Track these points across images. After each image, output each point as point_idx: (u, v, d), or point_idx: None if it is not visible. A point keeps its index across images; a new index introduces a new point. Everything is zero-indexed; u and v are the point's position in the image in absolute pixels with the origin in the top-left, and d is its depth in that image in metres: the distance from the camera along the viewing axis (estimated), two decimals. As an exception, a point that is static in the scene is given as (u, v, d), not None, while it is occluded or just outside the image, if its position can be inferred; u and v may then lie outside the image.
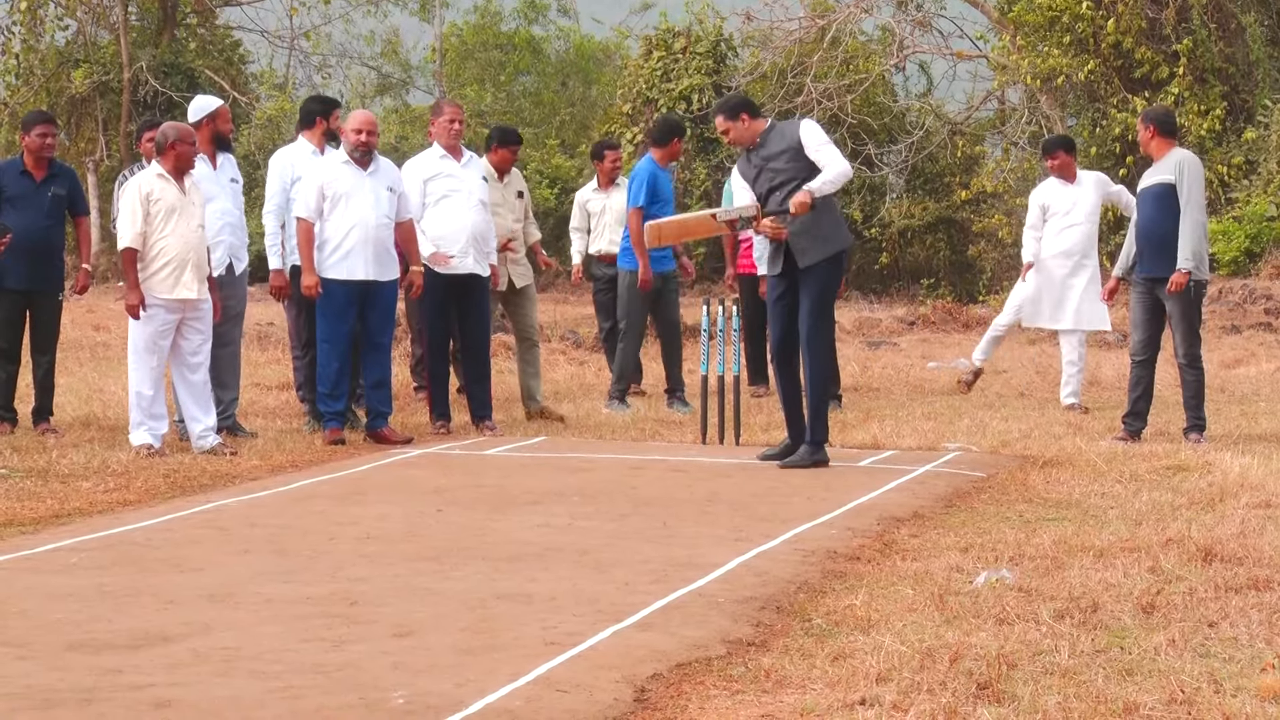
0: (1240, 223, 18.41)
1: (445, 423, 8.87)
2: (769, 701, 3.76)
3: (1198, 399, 8.52)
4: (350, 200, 8.28)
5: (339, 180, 8.30)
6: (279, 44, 28.32)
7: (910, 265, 23.59)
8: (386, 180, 8.44)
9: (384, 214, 8.36)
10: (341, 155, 8.41)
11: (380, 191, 8.36)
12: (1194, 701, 3.70)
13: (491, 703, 3.68)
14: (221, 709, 3.63)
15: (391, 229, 8.42)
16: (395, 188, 8.48)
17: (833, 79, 21.80)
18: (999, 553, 5.43)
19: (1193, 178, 8.38)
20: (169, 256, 7.73)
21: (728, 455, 8.04)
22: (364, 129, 8.34)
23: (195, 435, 7.90)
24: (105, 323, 15.12)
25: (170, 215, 7.75)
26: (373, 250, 8.31)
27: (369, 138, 8.33)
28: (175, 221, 7.75)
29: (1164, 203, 8.41)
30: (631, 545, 5.64)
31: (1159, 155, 8.57)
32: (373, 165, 8.39)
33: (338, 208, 8.28)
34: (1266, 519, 6.01)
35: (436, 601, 4.71)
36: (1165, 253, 8.39)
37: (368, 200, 8.31)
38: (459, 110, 9.14)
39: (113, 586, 4.92)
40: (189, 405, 7.91)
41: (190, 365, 7.88)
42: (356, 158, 8.32)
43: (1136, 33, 19.43)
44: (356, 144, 8.31)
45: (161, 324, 7.76)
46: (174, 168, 7.77)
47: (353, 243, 8.26)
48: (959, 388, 11.22)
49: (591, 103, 31.60)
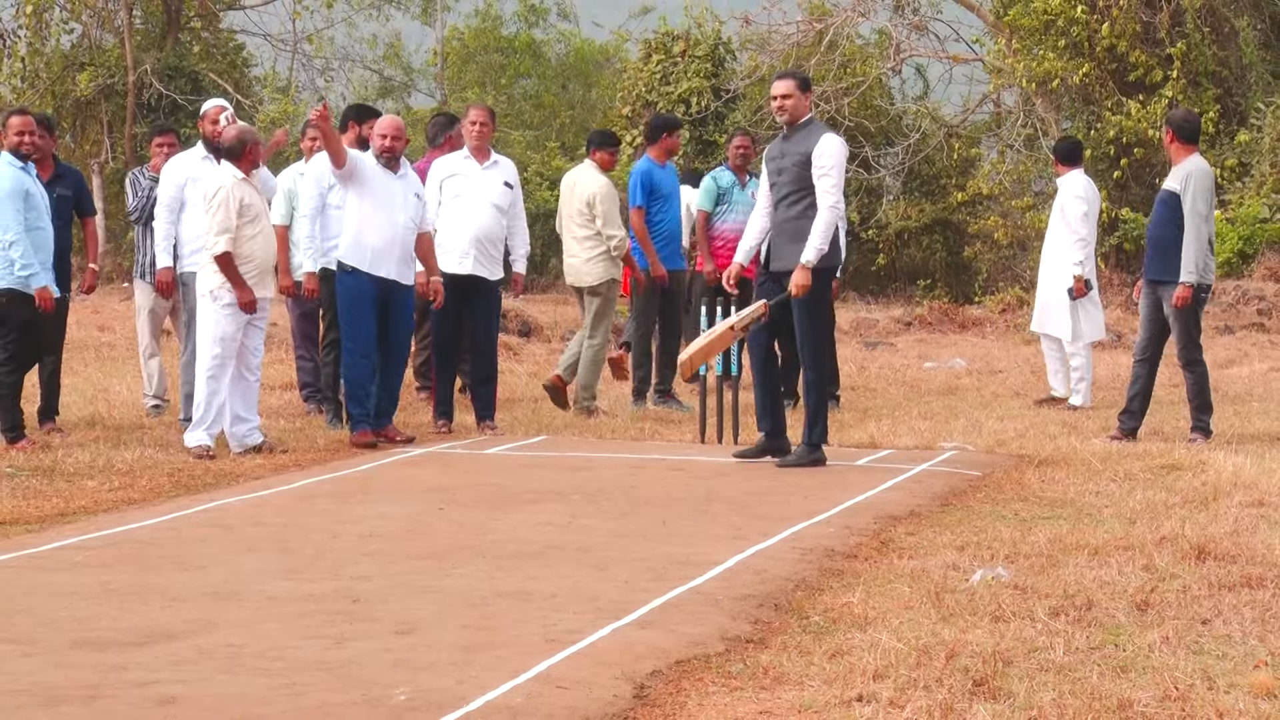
0: (1233, 224, 18.45)
1: (447, 422, 8.91)
2: (767, 698, 3.79)
3: (1198, 399, 8.56)
4: (381, 201, 8.31)
5: (374, 179, 8.32)
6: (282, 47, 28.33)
7: (907, 266, 23.62)
8: (414, 187, 8.50)
9: (411, 218, 8.40)
10: (372, 158, 8.44)
11: (409, 196, 8.41)
12: (1188, 698, 3.73)
13: (492, 699, 3.71)
14: (225, 705, 3.65)
15: (415, 234, 8.45)
16: (421, 195, 8.54)
17: (830, 82, 21.83)
18: (995, 551, 5.46)
19: (1198, 189, 8.40)
20: (255, 259, 7.84)
21: (726, 455, 8.06)
22: (389, 134, 8.36)
23: (240, 435, 7.90)
24: (110, 323, 15.13)
25: (255, 218, 7.84)
26: (399, 252, 8.34)
27: (394, 143, 8.35)
28: (259, 224, 7.86)
29: (1168, 210, 8.48)
30: (631, 543, 5.67)
31: (1176, 160, 8.62)
32: (401, 170, 8.42)
33: (368, 205, 8.30)
34: (1260, 517, 6.05)
35: (438, 599, 4.74)
36: (1166, 258, 8.45)
37: (397, 202, 8.34)
38: (483, 112, 9.16)
39: (117, 584, 4.95)
40: (237, 405, 7.92)
41: (250, 365, 7.93)
42: (383, 163, 8.35)
43: (1131, 36, 19.46)
44: (382, 149, 8.33)
45: (236, 326, 7.82)
46: (249, 171, 7.86)
47: (381, 241, 8.29)
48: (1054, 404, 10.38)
49: (591, 106, 31.62)
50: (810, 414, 7.67)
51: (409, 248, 8.43)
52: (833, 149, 7.53)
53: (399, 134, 8.42)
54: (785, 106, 7.64)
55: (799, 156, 7.54)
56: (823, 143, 7.53)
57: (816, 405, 7.66)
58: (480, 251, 8.87)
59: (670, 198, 10.03)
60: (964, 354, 14.76)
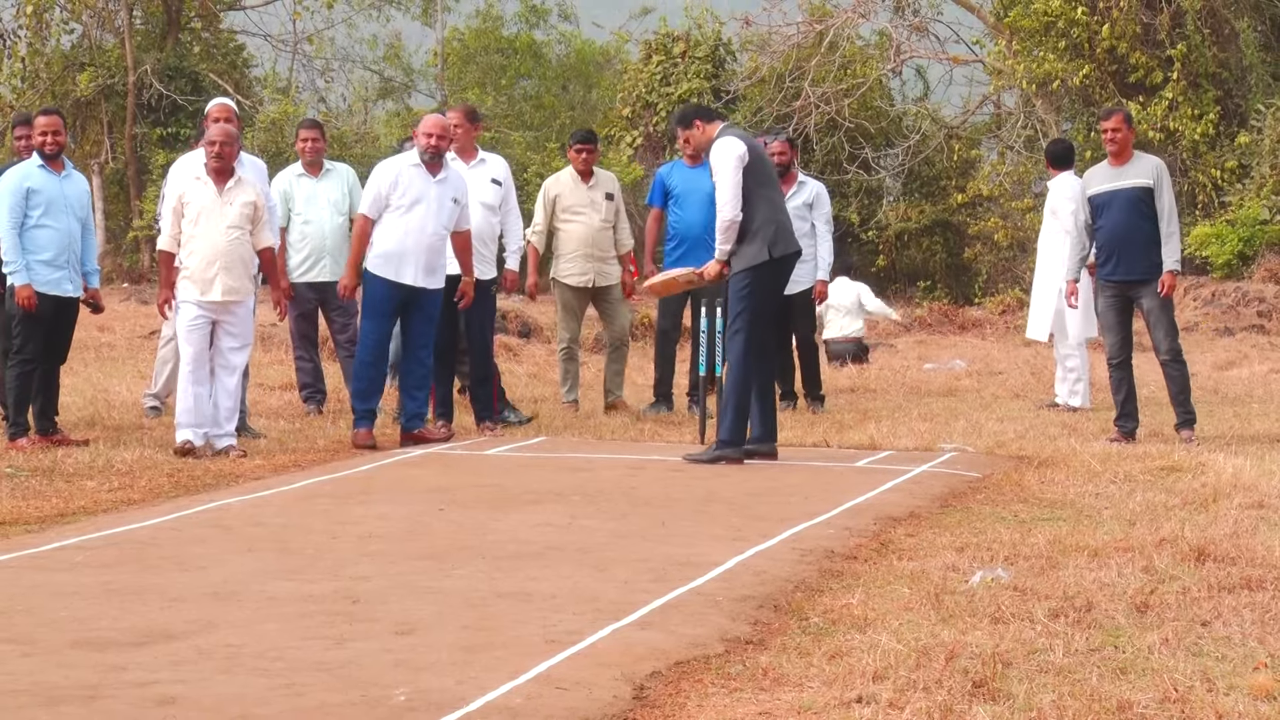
0: (1233, 226, 18.47)
1: (447, 423, 8.92)
2: (766, 699, 3.79)
3: (1184, 393, 8.62)
4: (414, 205, 8.29)
5: (410, 184, 8.31)
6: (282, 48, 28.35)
7: (907, 268, 23.62)
8: (453, 190, 8.45)
9: (443, 224, 8.38)
10: (413, 157, 8.40)
11: (445, 201, 8.38)
12: (1187, 700, 3.73)
13: (492, 700, 3.71)
14: (225, 706, 3.65)
15: (446, 239, 8.43)
16: (460, 199, 8.50)
17: (830, 83, 21.84)
18: (994, 552, 5.46)
19: (1169, 183, 8.60)
20: (199, 257, 7.84)
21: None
22: (435, 133, 8.33)
23: (210, 435, 7.93)
24: (109, 323, 15.13)
25: (196, 219, 7.84)
26: (425, 258, 8.32)
27: (439, 142, 8.32)
28: (200, 224, 7.85)
29: (1141, 207, 8.52)
30: (631, 544, 5.67)
31: (1129, 156, 8.65)
32: (443, 172, 8.39)
33: (399, 210, 8.30)
34: (1259, 519, 6.05)
35: (438, 600, 4.74)
36: (1144, 256, 8.49)
37: (431, 208, 8.32)
38: (458, 114, 9.18)
39: (117, 584, 4.95)
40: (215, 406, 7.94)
41: (227, 368, 7.93)
42: (426, 160, 8.33)
43: (1131, 38, 19.48)
44: (427, 147, 8.30)
45: (194, 317, 7.82)
46: (210, 168, 7.88)
47: (407, 248, 8.27)
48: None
49: (592, 106, 31.61)
50: (722, 409, 7.73)
51: (437, 252, 8.38)
52: (724, 151, 7.64)
53: (445, 133, 8.39)
54: (695, 145, 8.01)
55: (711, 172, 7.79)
56: (715, 149, 7.67)
57: (734, 401, 7.65)
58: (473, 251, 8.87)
59: (683, 198, 9.97)
60: (964, 355, 14.77)
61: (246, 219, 7.91)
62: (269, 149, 21.93)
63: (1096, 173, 8.84)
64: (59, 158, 8.21)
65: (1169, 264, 8.44)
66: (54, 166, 8.17)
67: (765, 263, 7.65)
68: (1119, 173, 8.64)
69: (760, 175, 7.70)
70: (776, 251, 7.66)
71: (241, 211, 7.90)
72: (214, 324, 7.89)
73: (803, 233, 10.19)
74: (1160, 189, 8.49)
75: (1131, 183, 8.57)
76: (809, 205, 10.26)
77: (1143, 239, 8.49)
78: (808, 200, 10.26)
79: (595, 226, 9.83)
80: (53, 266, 8.09)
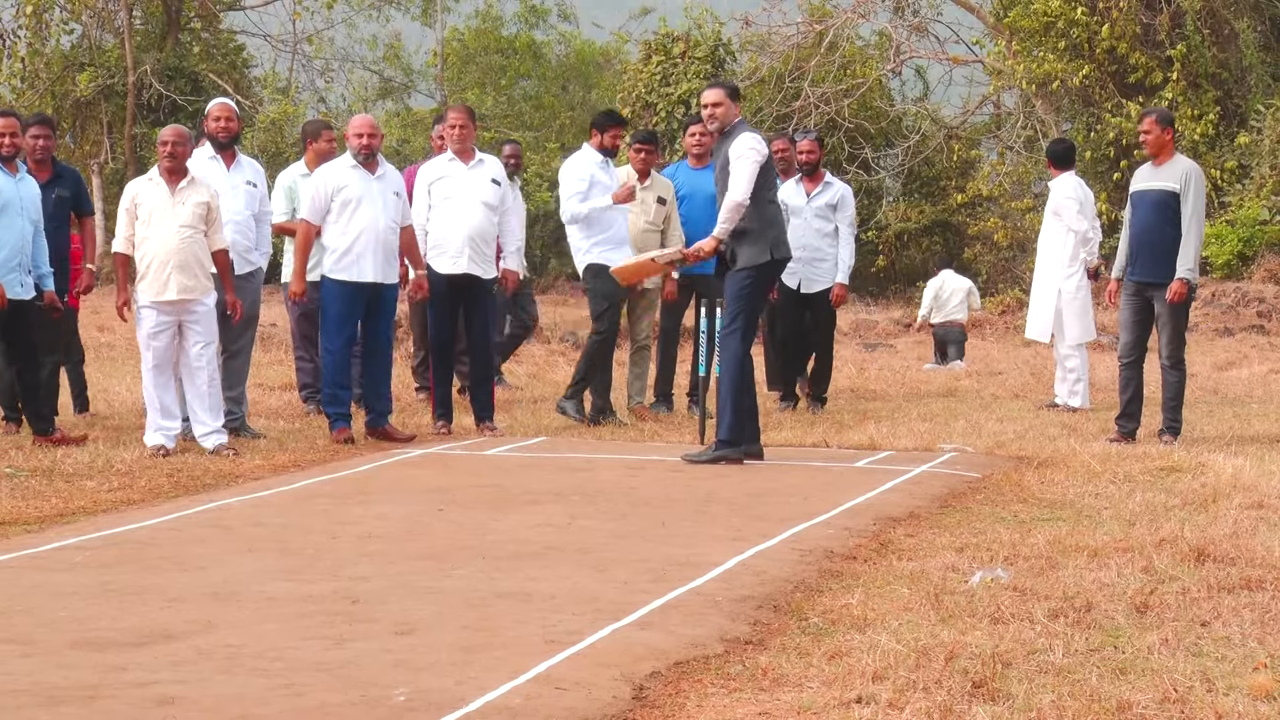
0: (1233, 226, 18.49)
1: (447, 423, 8.92)
2: (766, 700, 3.79)
3: (1177, 400, 8.61)
4: (361, 203, 8.39)
5: (349, 185, 8.41)
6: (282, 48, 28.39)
7: (906, 268, 23.65)
8: (393, 185, 8.57)
9: (391, 218, 8.48)
10: (349, 160, 8.48)
11: (388, 195, 8.49)
12: (1187, 700, 3.73)
13: (492, 700, 3.71)
14: (224, 706, 3.65)
15: (398, 233, 8.52)
16: (400, 193, 8.60)
17: (830, 83, 21.86)
18: (994, 552, 5.46)
19: (1198, 189, 8.46)
20: (152, 258, 7.83)
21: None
22: (364, 132, 8.45)
23: (198, 436, 7.97)
24: (109, 323, 15.14)
25: (152, 217, 7.84)
26: (381, 254, 8.42)
27: (369, 140, 8.42)
28: (151, 224, 7.84)
29: (1166, 210, 8.47)
30: (630, 544, 5.67)
31: (1167, 158, 8.60)
32: (379, 169, 8.49)
33: (346, 211, 8.39)
34: (1259, 520, 6.05)
35: (437, 600, 4.74)
36: (1163, 259, 8.46)
37: (377, 203, 8.42)
38: (460, 114, 9.17)
39: (117, 584, 4.95)
40: (194, 408, 7.98)
41: (192, 369, 7.93)
42: (361, 161, 8.40)
43: (1131, 38, 19.49)
44: (359, 148, 8.40)
45: (154, 325, 7.83)
46: (163, 168, 7.89)
47: (362, 246, 8.38)
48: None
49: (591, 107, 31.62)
50: (719, 410, 7.75)
51: (391, 247, 8.50)
52: (748, 141, 7.71)
53: (374, 131, 8.51)
54: (721, 117, 7.88)
55: (727, 161, 7.73)
56: (739, 139, 7.71)
57: (730, 403, 7.66)
58: (474, 250, 8.87)
59: (687, 199, 9.91)
60: (963, 355, 14.77)
61: (200, 219, 7.93)
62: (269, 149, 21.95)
63: (1139, 172, 8.84)
64: (14, 160, 8.21)
65: (1180, 271, 8.37)
66: (9, 169, 8.18)
67: (766, 263, 7.74)
68: (1154, 174, 8.63)
69: (768, 180, 7.85)
70: (778, 254, 7.81)
71: (195, 211, 7.91)
72: (179, 325, 7.90)
73: (825, 233, 10.20)
74: (1186, 194, 8.42)
75: (1160, 185, 8.54)
76: (832, 206, 10.21)
77: (1162, 242, 8.46)
78: (831, 201, 10.22)
79: (641, 226, 9.78)
80: (4, 268, 8.08)
